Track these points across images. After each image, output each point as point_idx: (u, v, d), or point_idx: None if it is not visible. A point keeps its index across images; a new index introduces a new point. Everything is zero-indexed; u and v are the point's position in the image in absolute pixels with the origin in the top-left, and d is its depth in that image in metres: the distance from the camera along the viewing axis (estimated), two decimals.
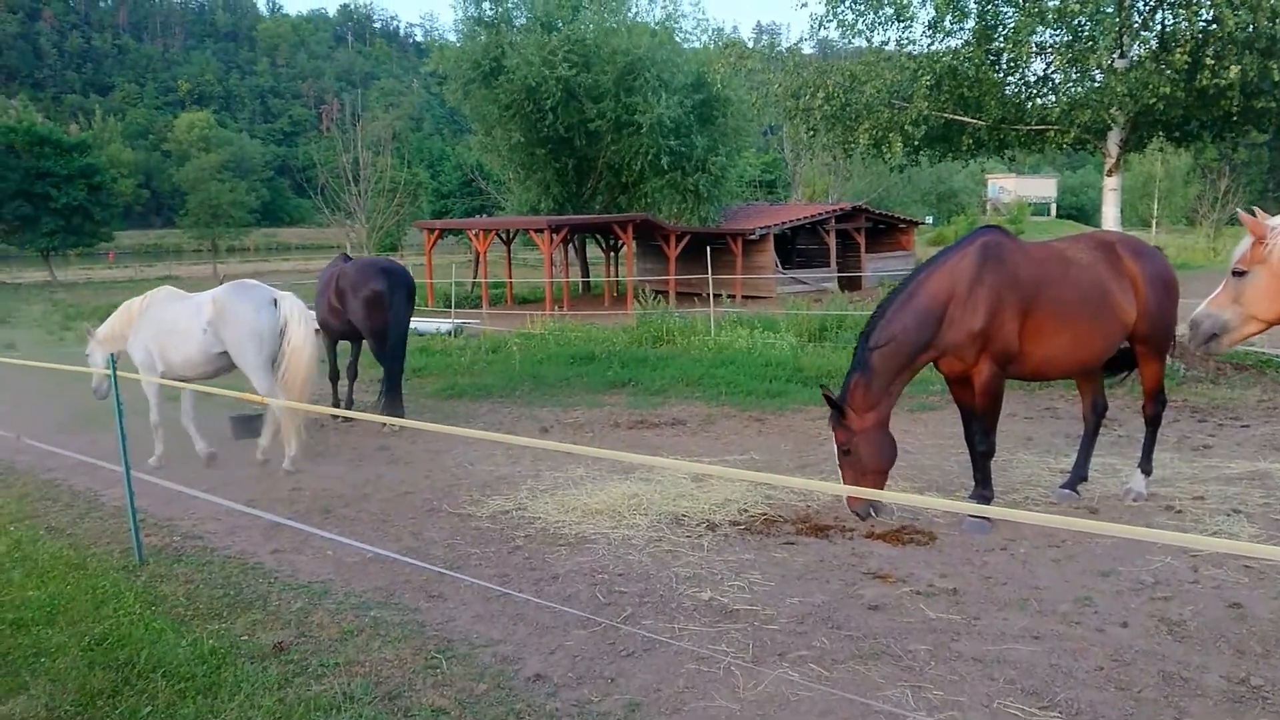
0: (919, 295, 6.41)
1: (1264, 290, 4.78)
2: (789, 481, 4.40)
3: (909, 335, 6.34)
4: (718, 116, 32.23)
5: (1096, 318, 6.51)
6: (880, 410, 6.43)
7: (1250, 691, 4.10)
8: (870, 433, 6.40)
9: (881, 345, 6.38)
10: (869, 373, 6.38)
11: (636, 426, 10.50)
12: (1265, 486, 7.34)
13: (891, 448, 6.56)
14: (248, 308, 8.56)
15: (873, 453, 6.42)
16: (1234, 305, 4.88)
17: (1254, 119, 11.28)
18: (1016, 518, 3.19)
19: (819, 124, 12.80)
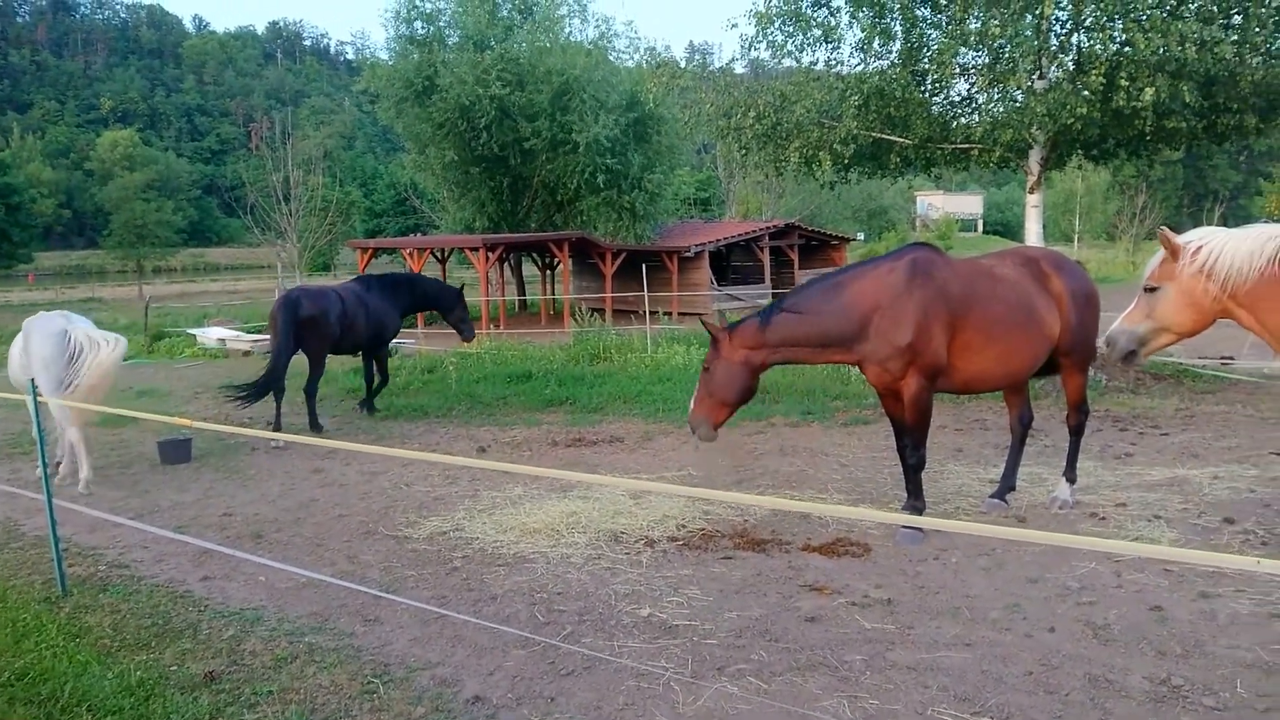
0: (845, 293, 6.52)
1: (1174, 305, 5.04)
2: (723, 496, 4.46)
3: (822, 322, 6.46)
4: (652, 135, 32.45)
5: (1024, 333, 6.69)
6: (755, 356, 6.53)
7: (1171, 691, 4.23)
8: (733, 366, 6.53)
9: (791, 312, 6.50)
10: (767, 325, 6.50)
11: (574, 444, 10.49)
12: (1183, 492, 7.59)
13: (746, 390, 6.66)
14: (38, 336, 8.90)
15: (725, 383, 6.56)
16: (1147, 320, 5.12)
17: (1166, 138, 11.73)
18: (948, 528, 3.27)
19: (750, 143, 12.98)
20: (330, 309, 11.64)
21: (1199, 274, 4.90)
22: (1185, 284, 4.95)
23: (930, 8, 12.69)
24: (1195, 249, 4.91)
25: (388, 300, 12.59)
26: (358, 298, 12.22)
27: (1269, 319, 4.80)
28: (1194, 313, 5.00)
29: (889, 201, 65.92)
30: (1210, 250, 4.86)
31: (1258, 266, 4.74)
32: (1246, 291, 4.80)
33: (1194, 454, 8.97)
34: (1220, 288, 4.85)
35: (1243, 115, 11.05)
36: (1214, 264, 4.84)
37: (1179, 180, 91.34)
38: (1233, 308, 4.90)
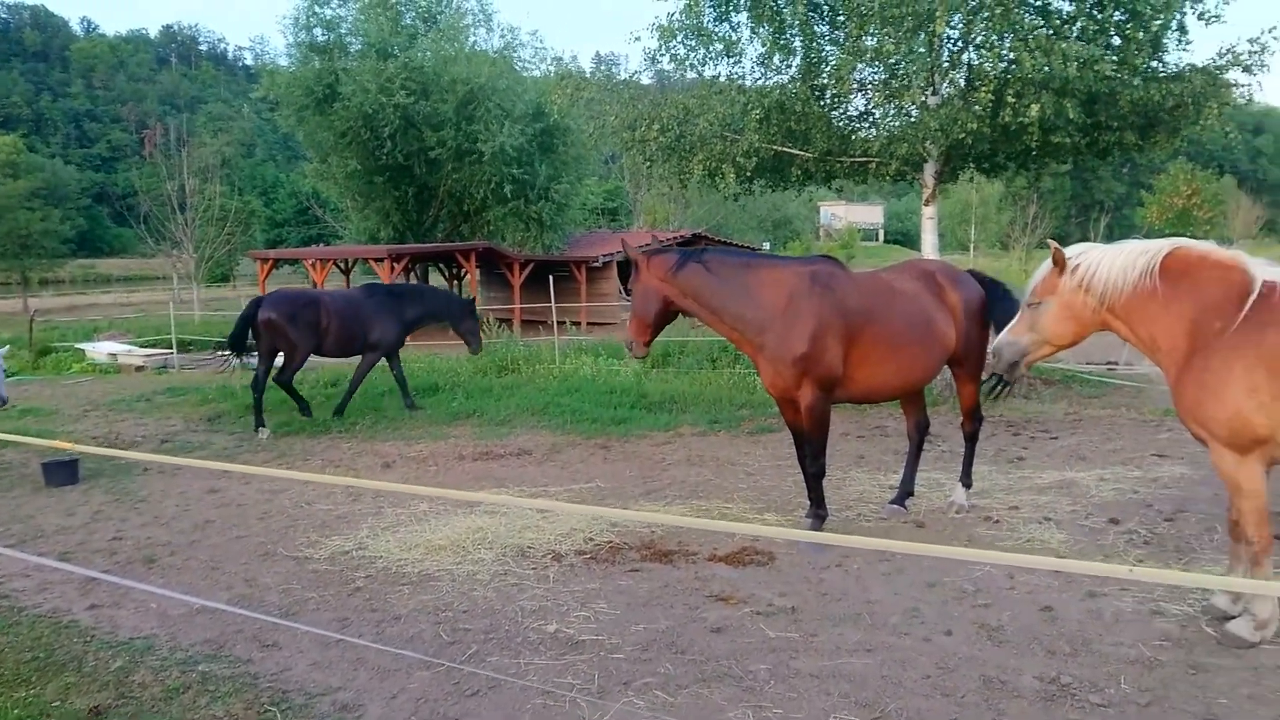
0: (755, 276, 6.68)
1: (1055, 318, 5.27)
2: (626, 515, 4.46)
3: (728, 292, 6.63)
4: (559, 145, 32.44)
5: (920, 345, 6.87)
6: (664, 288, 6.72)
7: (1060, 690, 4.39)
8: (648, 290, 6.78)
9: (704, 267, 6.66)
10: (680, 269, 6.66)
11: (482, 458, 10.39)
12: (1072, 495, 7.89)
13: (660, 316, 6.87)
14: None
15: (642, 305, 6.83)
16: (1030, 333, 5.34)
17: (1052, 153, 12.21)
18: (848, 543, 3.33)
19: (655, 155, 13.08)
20: (300, 312, 12.19)
21: (1078, 288, 5.12)
22: (1066, 298, 5.17)
23: (829, 24, 12.98)
24: (1075, 265, 5.12)
25: (387, 309, 13.02)
26: (347, 302, 12.93)
27: (1142, 330, 5.04)
28: (1075, 325, 5.23)
29: (793, 211, 67.07)
30: (1088, 265, 5.08)
31: (1131, 280, 4.96)
32: (1122, 304, 5.02)
33: (1082, 457, 9.33)
34: (1099, 301, 5.07)
35: (1123, 132, 11.57)
36: (1092, 278, 5.06)
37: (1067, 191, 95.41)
38: (1110, 320, 5.13)
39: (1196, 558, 6.21)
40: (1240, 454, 4.70)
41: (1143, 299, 4.95)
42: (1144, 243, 5.08)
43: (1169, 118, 11.41)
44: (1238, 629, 4.82)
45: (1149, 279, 4.92)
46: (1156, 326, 4.97)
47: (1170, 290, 4.88)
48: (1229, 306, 4.72)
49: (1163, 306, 4.91)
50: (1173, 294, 4.88)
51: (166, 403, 14.94)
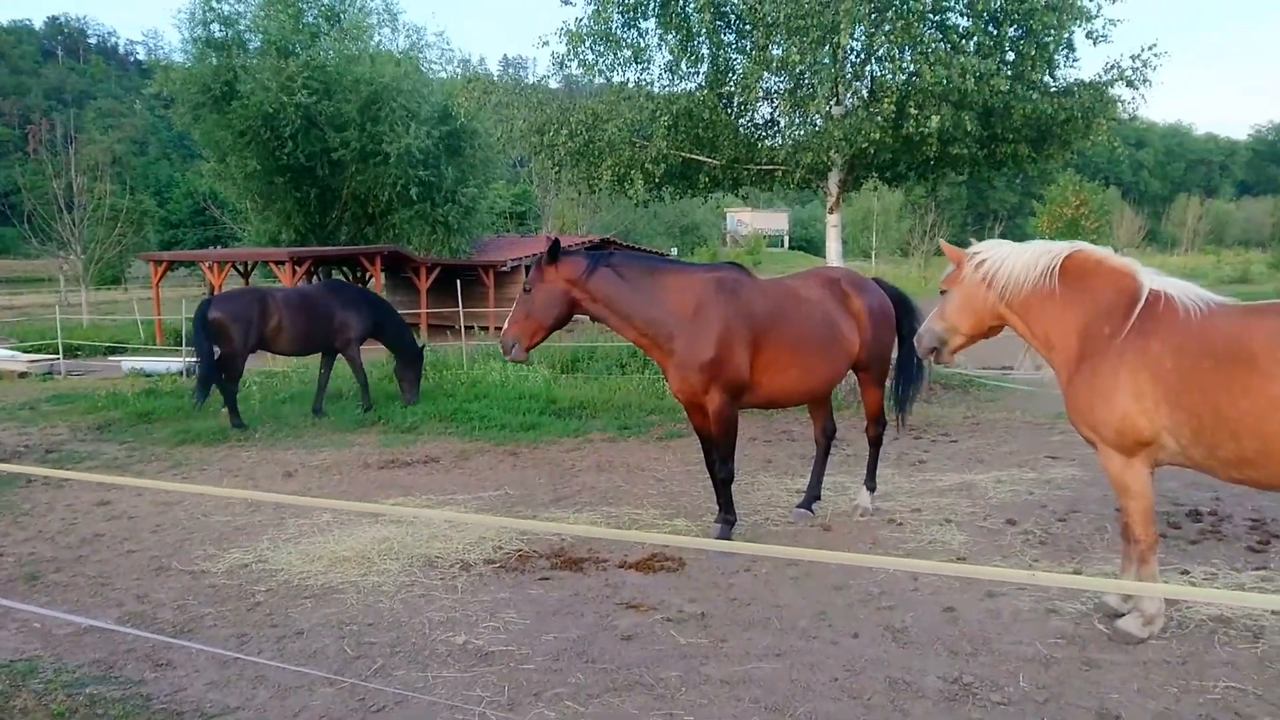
0: (664, 281, 6.68)
1: (958, 307, 5.48)
2: (535, 526, 4.41)
3: (637, 299, 6.61)
4: (466, 148, 32.10)
5: (826, 352, 6.98)
6: (573, 291, 6.62)
7: (963, 689, 4.49)
8: (554, 292, 6.61)
9: (615, 271, 6.62)
10: (591, 274, 6.60)
11: (388, 466, 10.19)
12: (971, 496, 8.12)
13: (561, 318, 6.74)
14: None
15: (544, 307, 6.62)
16: (941, 320, 5.51)
17: (951, 163, 12.57)
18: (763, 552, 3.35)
19: (564, 159, 13.04)
20: (243, 311, 12.33)
21: (981, 282, 5.30)
22: (968, 289, 5.39)
23: (735, 33, 13.12)
24: (980, 259, 5.30)
25: (355, 305, 13.20)
26: (303, 298, 13.06)
27: (1038, 328, 5.23)
28: (974, 316, 5.43)
29: (701, 217, 67.67)
30: (992, 261, 5.26)
31: (1032, 279, 5.15)
32: (1021, 301, 5.21)
33: (980, 459, 9.61)
34: (998, 296, 5.26)
35: (1017, 144, 11.98)
36: (994, 274, 5.24)
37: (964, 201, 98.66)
38: (1008, 314, 5.32)
39: (1089, 557, 6.43)
40: (1127, 456, 4.88)
41: (1041, 298, 5.13)
42: (1047, 243, 5.28)
43: (1060, 131, 11.86)
44: (1127, 625, 5.00)
45: (1048, 279, 5.11)
46: (1051, 326, 5.15)
47: (1067, 292, 5.07)
48: (1119, 313, 4.91)
49: (1059, 307, 5.10)
50: (1069, 296, 5.07)
51: (52, 410, 14.32)
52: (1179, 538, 6.70)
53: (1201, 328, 4.66)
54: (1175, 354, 4.66)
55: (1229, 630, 5.02)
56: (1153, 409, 4.71)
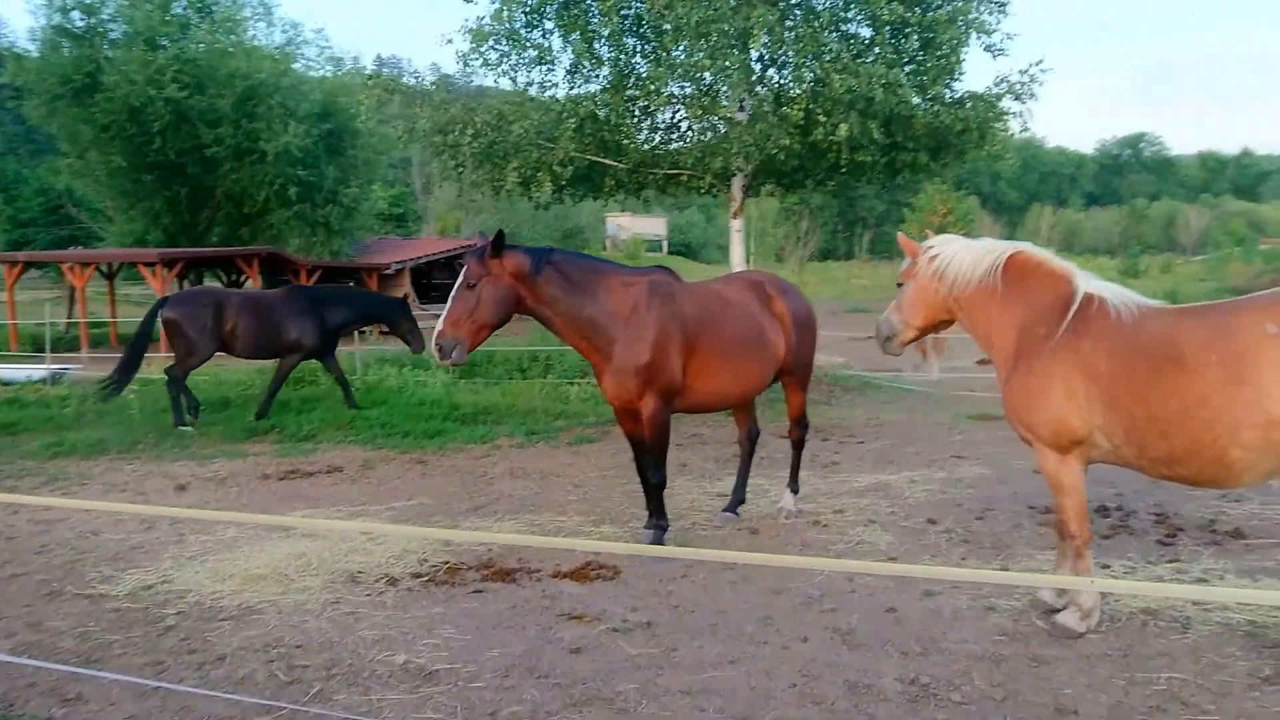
0: (603, 283, 6.52)
1: (911, 300, 5.60)
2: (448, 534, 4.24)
3: (580, 301, 6.42)
4: (347, 147, 31.25)
5: (755, 355, 6.99)
6: (520, 289, 6.31)
7: (921, 690, 4.52)
8: (503, 288, 6.25)
9: (558, 271, 6.39)
10: (538, 273, 6.31)
11: (289, 476, 9.75)
12: (889, 496, 8.26)
13: (507, 317, 6.44)
14: None
15: (492, 304, 6.23)
16: (897, 312, 5.61)
17: (855, 170, 12.84)
18: (721, 557, 3.28)
19: (468, 160, 12.75)
20: (198, 312, 12.26)
21: (933, 276, 5.40)
22: (921, 283, 5.51)
23: (638, 37, 13.09)
24: (932, 254, 5.40)
25: (304, 311, 12.73)
26: (258, 303, 12.81)
27: (980, 325, 5.36)
28: (927, 310, 5.56)
29: (583, 221, 67.54)
30: (943, 256, 5.36)
31: (977, 276, 5.26)
32: (967, 298, 5.33)
33: (889, 460, 9.80)
34: (948, 290, 5.37)
35: (917, 153, 12.32)
36: (944, 268, 5.34)
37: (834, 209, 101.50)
38: (956, 309, 5.45)
39: (1013, 554, 6.61)
40: (1062, 454, 5.02)
41: (984, 295, 5.26)
42: (994, 241, 5.41)
43: (957, 141, 12.25)
44: (1066, 620, 5.13)
45: (992, 277, 5.22)
46: (991, 324, 5.28)
47: (1008, 291, 5.20)
48: (1054, 314, 5.05)
49: (1000, 306, 5.22)
50: (1009, 295, 5.20)
51: None
52: (1093, 533, 6.93)
53: (1133, 330, 4.82)
54: (1108, 355, 4.81)
55: (1158, 622, 5.21)
56: (1086, 409, 4.85)
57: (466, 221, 50.38)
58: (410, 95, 13.07)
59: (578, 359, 14.61)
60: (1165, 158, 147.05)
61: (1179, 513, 7.36)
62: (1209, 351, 4.51)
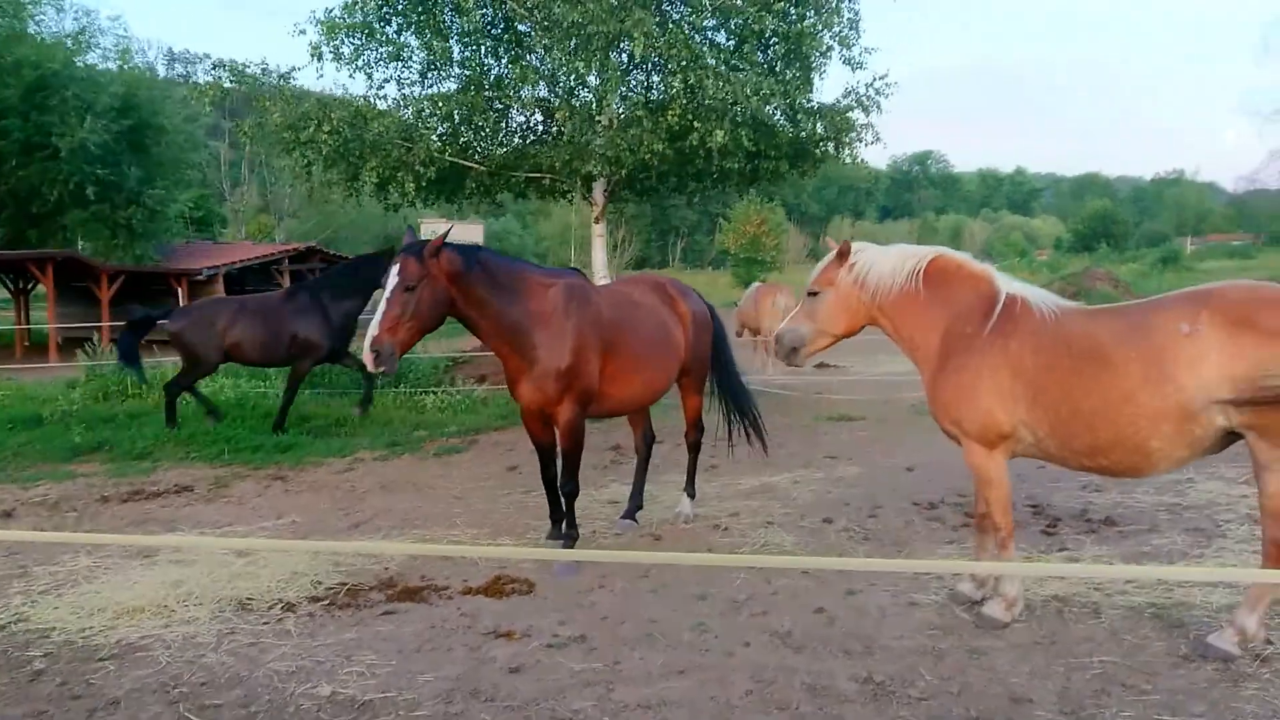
0: (525, 285, 6.26)
1: (831, 309, 5.60)
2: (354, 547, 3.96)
3: (507, 299, 6.13)
4: (152, 145, 29.14)
5: (664, 358, 6.93)
6: (455, 287, 5.94)
7: (878, 688, 4.54)
8: (440, 288, 5.86)
9: (485, 270, 6.07)
10: (469, 270, 5.97)
11: (133, 498, 8.92)
12: (777, 498, 8.36)
13: (443, 318, 6.11)
14: None
15: (431, 305, 5.85)
16: (809, 321, 5.62)
17: (721, 178, 13.00)
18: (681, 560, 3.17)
19: (323, 158, 12.08)
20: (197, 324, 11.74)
21: (854, 283, 5.45)
22: (843, 291, 5.53)
23: (493, 39, 12.80)
24: (852, 261, 5.45)
25: (307, 308, 11.75)
26: (260, 306, 12.00)
27: (904, 329, 5.47)
28: (848, 317, 5.60)
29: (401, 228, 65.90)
30: (864, 263, 5.43)
31: (899, 282, 5.37)
32: (890, 303, 5.42)
33: (767, 462, 9.87)
34: (870, 297, 5.44)
35: (779, 161, 12.60)
36: (866, 275, 5.41)
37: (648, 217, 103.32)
38: (878, 316, 5.52)
39: (913, 548, 6.79)
40: (989, 449, 5.19)
41: (907, 299, 5.36)
42: (912, 247, 5.52)
43: (816, 150, 12.61)
44: (992, 611, 5.30)
45: (914, 281, 5.33)
46: (916, 327, 5.39)
47: (930, 294, 5.33)
48: (978, 314, 5.21)
49: (923, 308, 5.34)
50: (932, 298, 5.32)
51: None
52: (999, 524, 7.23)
53: (1056, 328, 5.03)
54: (1033, 353, 5.01)
55: (1072, 609, 5.45)
56: (1012, 404, 5.03)
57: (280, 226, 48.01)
58: (258, 89, 12.27)
59: (430, 367, 14.16)
60: (950, 174, 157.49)
61: (1051, 503, 7.77)
62: (1130, 349, 4.75)
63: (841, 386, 14.76)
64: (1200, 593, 5.52)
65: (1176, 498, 7.74)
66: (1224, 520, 7.09)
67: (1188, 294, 4.89)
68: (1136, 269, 48.02)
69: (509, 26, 12.53)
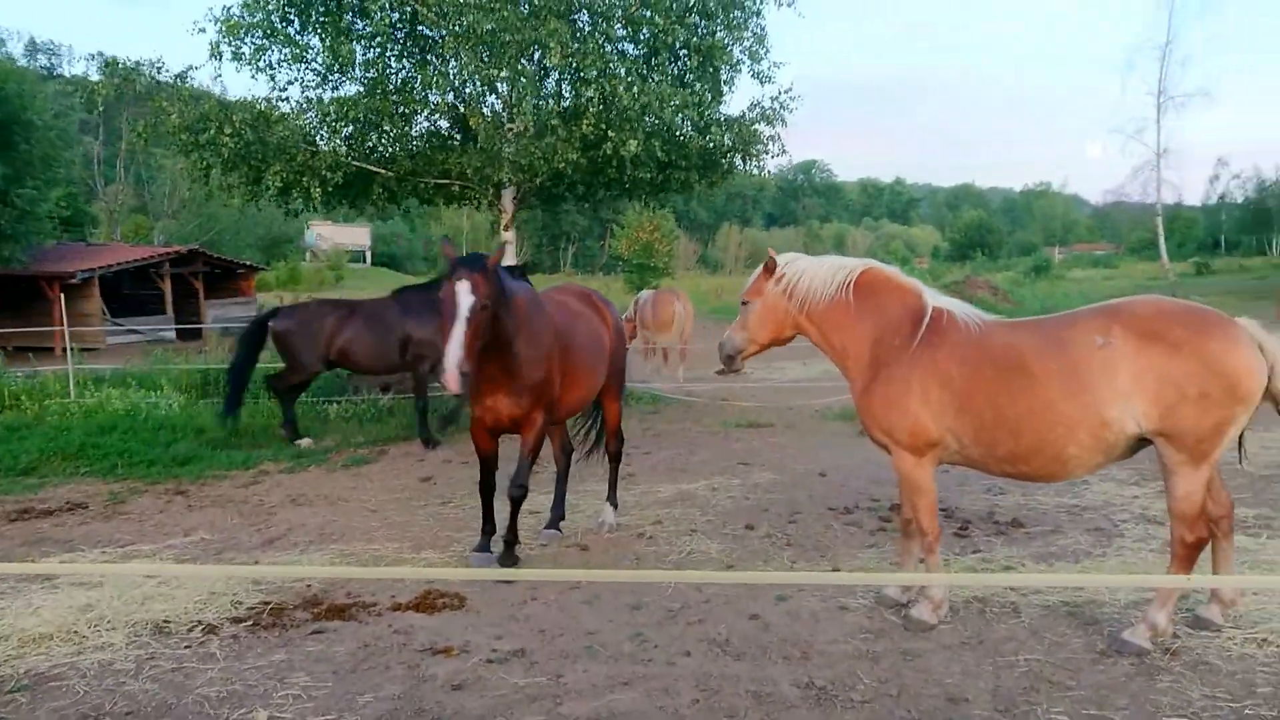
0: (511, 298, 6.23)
1: (759, 318, 5.78)
2: (283, 571, 3.90)
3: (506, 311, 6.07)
4: (20, 142, 27.55)
5: (599, 366, 7.01)
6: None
7: (820, 693, 4.64)
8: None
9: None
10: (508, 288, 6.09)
11: (22, 517, 8.47)
12: (697, 505, 8.44)
13: None
14: None
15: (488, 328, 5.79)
16: (742, 330, 5.80)
17: (633, 188, 13.05)
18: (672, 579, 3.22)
19: (223, 161, 11.63)
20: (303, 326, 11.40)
21: (782, 294, 5.60)
22: (770, 301, 5.71)
23: (397, 43, 12.58)
24: (780, 273, 5.60)
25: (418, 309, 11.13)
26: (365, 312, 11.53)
27: (834, 338, 5.63)
28: (774, 326, 5.78)
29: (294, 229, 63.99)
30: (792, 273, 5.59)
31: (829, 293, 5.53)
32: (819, 313, 5.59)
33: (681, 469, 10.03)
34: (798, 307, 5.60)
35: (689, 171, 12.73)
36: (794, 286, 5.58)
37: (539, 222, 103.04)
38: (806, 325, 5.69)
39: (835, 553, 6.95)
40: (917, 457, 5.37)
41: (837, 310, 5.53)
42: (844, 259, 5.70)
43: (724, 162, 12.79)
44: (920, 613, 5.47)
45: (844, 293, 5.50)
46: (846, 336, 5.56)
47: (860, 305, 5.51)
48: (907, 326, 5.40)
49: (854, 319, 5.52)
50: (862, 309, 5.50)
51: None
52: (896, 530, 7.45)
53: (980, 341, 5.25)
54: (960, 364, 5.21)
55: (993, 609, 5.67)
56: (940, 413, 5.22)
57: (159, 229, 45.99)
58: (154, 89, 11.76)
59: (330, 377, 13.82)
60: (833, 183, 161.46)
61: (960, 506, 8.07)
62: (1050, 361, 4.99)
63: (745, 393, 15.01)
64: (1108, 591, 5.82)
65: (1075, 499, 8.13)
66: (1120, 520, 7.49)
67: (1101, 308, 5.15)
68: (1011, 277, 50.06)
69: (413, 30, 12.33)
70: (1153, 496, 7.86)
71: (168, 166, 42.08)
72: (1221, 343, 4.69)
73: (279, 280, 55.61)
